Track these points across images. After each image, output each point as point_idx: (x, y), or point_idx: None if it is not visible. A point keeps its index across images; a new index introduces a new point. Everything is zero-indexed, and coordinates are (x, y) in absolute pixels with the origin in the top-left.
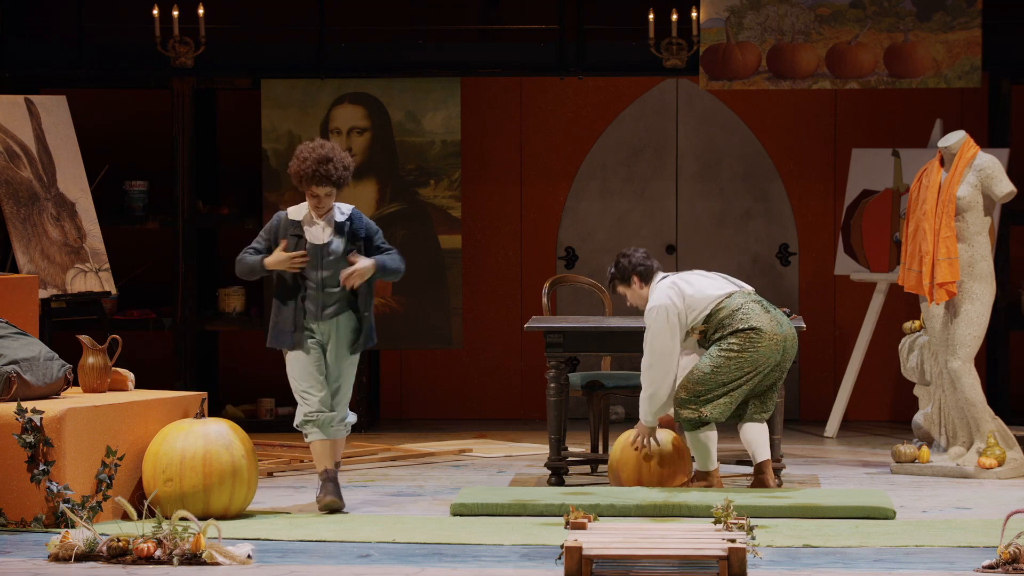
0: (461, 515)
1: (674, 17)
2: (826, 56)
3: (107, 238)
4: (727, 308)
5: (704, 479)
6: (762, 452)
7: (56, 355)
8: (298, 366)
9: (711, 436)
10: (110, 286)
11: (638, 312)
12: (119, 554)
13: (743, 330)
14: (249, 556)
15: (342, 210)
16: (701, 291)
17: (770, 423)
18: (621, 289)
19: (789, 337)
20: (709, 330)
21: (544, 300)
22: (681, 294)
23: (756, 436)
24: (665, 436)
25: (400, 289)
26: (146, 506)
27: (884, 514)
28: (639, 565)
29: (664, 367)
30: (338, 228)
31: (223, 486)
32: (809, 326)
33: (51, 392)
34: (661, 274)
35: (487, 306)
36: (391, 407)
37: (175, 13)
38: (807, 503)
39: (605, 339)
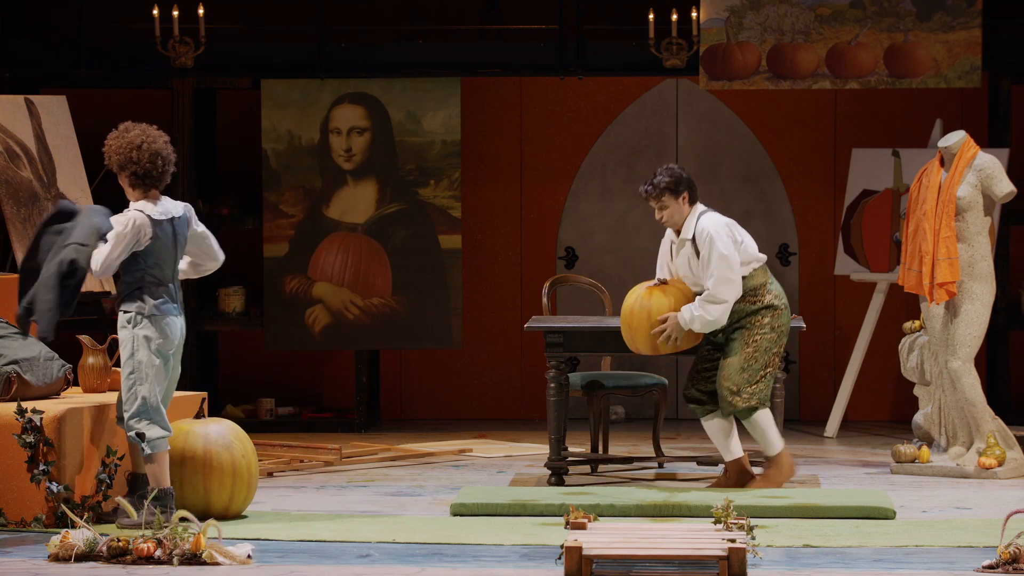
0: (461, 515)
1: (674, 17)
2: (826, 56)
3: None
4: (757, 278)
5: (774, 465)
6: (737, 448)
7: (56, 355)
8: None
9: (768, 418)
10: (110, 286)
11: None
12: (119, 554)
13: (770, 307)
14: (249, 556)
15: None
16: (749, 245)
17: None
18: (666, 199)
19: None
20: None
21: (544, 300)
22: (740, 233)
23: (724, 432)
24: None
25: (400, 289)
26: (146, 506)
27: (884, 514)
28: (639, 565)
29: (737, 286)
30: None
31: (223, 486)
32: (809, 326)
33: (51, 392)
34: (703, 206)
35: (487, 306)
36: (391, 407)
37: (175, 13)
38: (807, 503)
39: (605, 339)
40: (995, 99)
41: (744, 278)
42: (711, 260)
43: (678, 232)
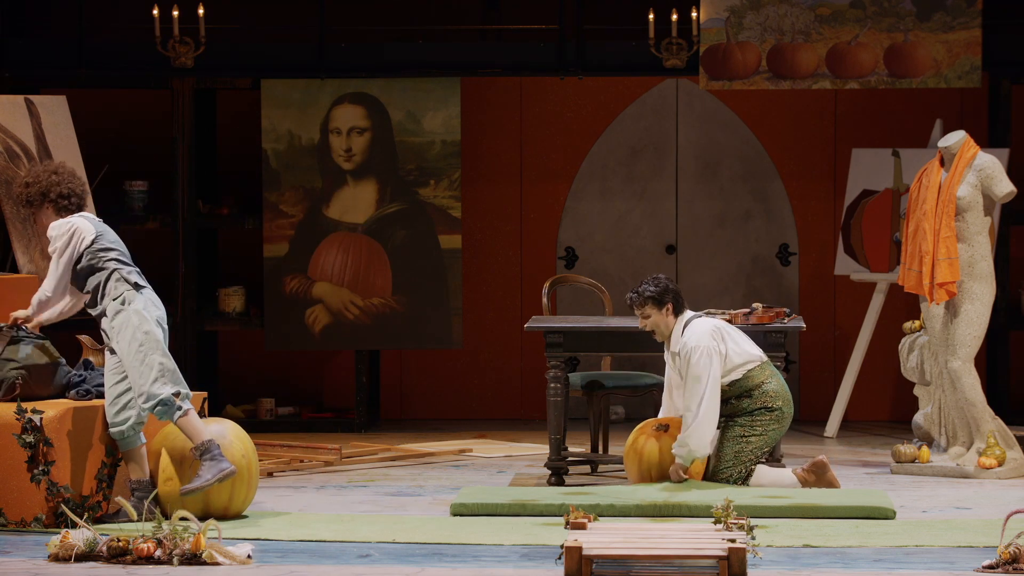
0: (461, 515)
1: (674, 17)
2: (826, 56)
3: None
4: (756, 378)
5: (813, 483)
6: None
7: (63, 360)
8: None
9: (765, 474)
10: None
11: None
12: (119, 554)
13: (768, 409)
14: (249, 556)
15: None
16: (741, 349)
17: None
18: (649, 310)
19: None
20: (732, 394)
21: (544, 300)
22: (724, 341)
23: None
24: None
25: (400, 289)
26: (146, 506)
27: (884, 514)
28: (639, 565)
29: (717, 409)
30: None
31: (223, 486)
32: (809, 326)
33: (54, 395)
34: (690, 312)
35: (487, 306)
36: (391, 407)
37: (175, 13)
38: (807, 503)
39: (605, 339)
40: (995, 99)
41: (737, 381)
42: (686, 381)
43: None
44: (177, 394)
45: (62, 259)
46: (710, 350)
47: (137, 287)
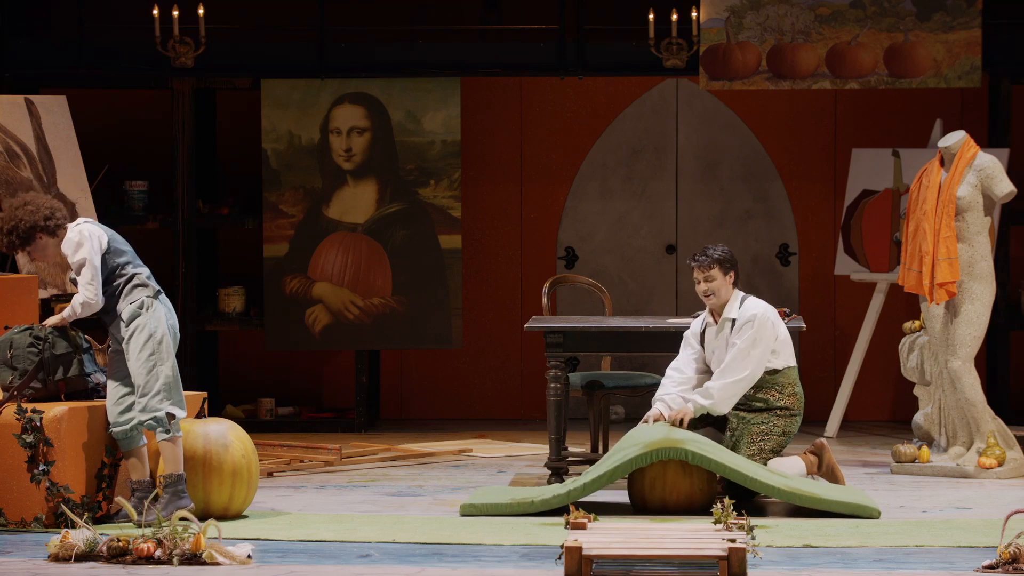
0: (470, 515)
1: (674, 17)
2: (826, 56)
3: None
4: (790, 376)
5: (822, 476)
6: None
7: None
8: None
9: (779, 464)
10: None
11: (637, 312)
12: (119, 554)
13: (789, 410)
14: (249, 556)
15: None
16: (786, 343)
17: None
18: (716, 272)
19: None
20: (761, 386)
21: (544, 300)
22: (782, 328)
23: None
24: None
25: (400, 289)
26: (146, 506)
27: (869, 513)
28: (639, 565)
29: (755, 378)
30: None
31: (223, 486)
32: (809, 326)
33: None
34: (743, 292)
35: (487, 306)
36: (391, 407)
37: (175, 13)
38: (795, 489)
39: (605, 339)
40: (995, 99)
41: (776, 372)
42: (738, 342)
43: (714, 315)
44: (172, 416)
45: (95, 261)
46: (776, 322)
47: (157, 295)
